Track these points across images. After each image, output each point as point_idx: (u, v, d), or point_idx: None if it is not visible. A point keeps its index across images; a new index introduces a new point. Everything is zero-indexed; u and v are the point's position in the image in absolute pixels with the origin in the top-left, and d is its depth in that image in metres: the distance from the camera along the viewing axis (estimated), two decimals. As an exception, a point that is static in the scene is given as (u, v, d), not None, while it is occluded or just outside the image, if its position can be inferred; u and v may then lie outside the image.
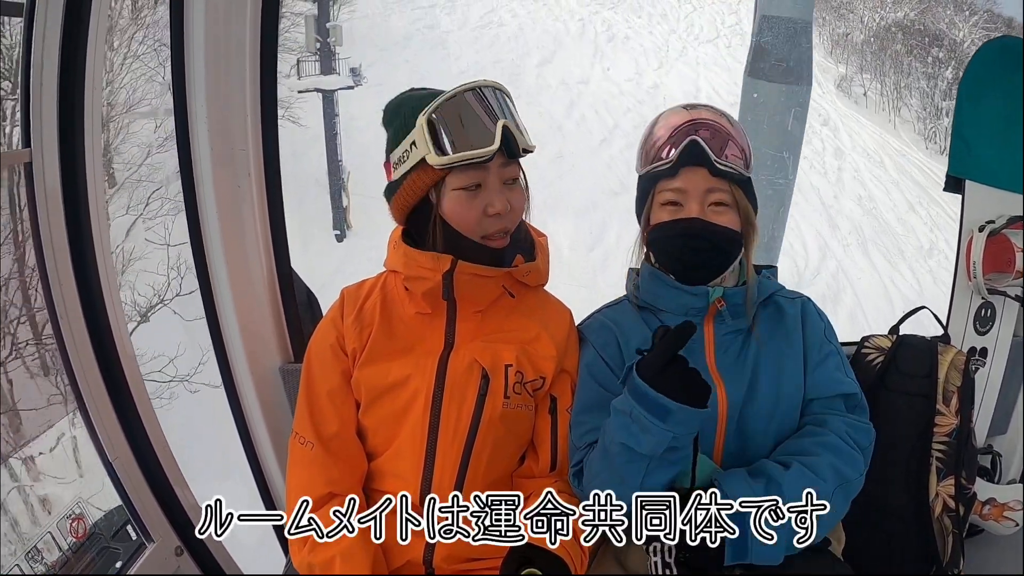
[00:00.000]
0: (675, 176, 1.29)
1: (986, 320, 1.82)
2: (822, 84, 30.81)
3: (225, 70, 1.51)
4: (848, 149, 22.14)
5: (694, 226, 1.28)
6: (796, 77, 6.15)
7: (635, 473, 1.17)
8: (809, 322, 1.36)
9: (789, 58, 6.02)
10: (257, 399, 1.71)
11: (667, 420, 1.10)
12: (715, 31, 30.44)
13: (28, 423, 2.22)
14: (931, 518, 1.49)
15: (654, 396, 1.10)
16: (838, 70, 31.43)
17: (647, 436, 1.12)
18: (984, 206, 1.78)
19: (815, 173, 19.34)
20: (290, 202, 1.76)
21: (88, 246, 1.40)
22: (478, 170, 1.22)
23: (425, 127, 1.20)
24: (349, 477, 1.29)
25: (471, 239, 1.25)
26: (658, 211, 1.32)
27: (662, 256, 1.34)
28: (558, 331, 1.35)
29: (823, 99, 27.10)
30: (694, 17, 31.63)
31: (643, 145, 1.36)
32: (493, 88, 1.23)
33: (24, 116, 1.26)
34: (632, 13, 29.71)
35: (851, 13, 32.53)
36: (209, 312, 1.67)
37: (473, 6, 26.38)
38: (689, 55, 26.56)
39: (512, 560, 1.17)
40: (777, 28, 6.02)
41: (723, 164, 1.27)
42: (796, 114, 6.27)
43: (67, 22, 1.26)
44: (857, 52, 29.83)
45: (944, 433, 1.51)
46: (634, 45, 26.43)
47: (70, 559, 1.37)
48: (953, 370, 1.54)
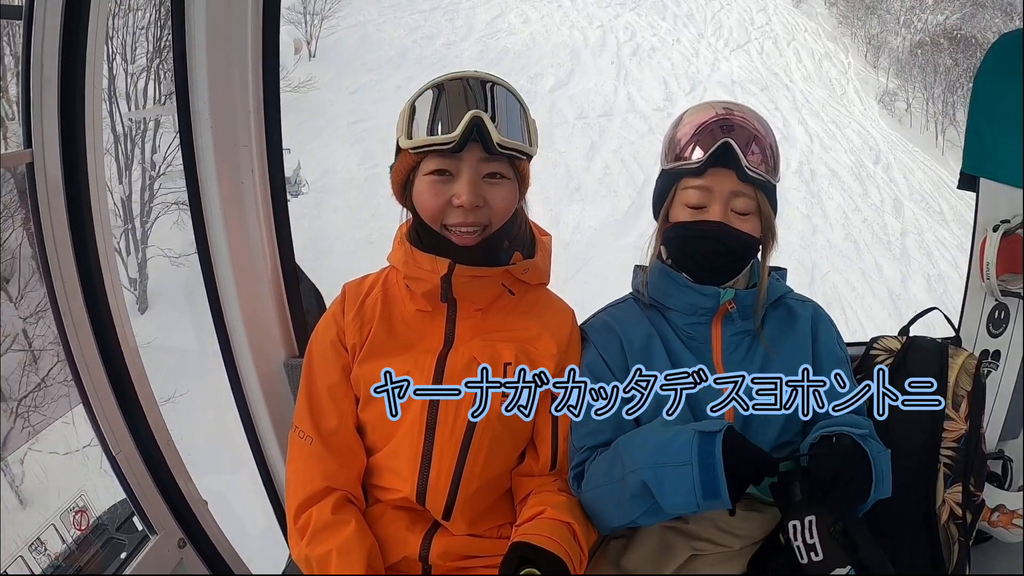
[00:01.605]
0: (701, 175, 1.26)
1: (999, 322, 1.78)
2: (863, 99, 29.50)
3: (227, 66, 1.52)
4: (906, 197, 20.63)
5: (715, 230, 1.25)
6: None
7: (636, 508, 1.18)
8: (822, 328, 1.35)
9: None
10: (262, 393, 1.73)
11: (708, 499, 1.09)
12: (745, 34, 28.82)
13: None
14: (937, 525, 1.46)
15: (718, 472, 1.08)
16: (878, 80, 30.03)
17: (677, 495, 1.11)
18: (999, 205, 1.75)
19: (879, 245, 17.97)
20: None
21: (91, 244, 1.42)
22: (449, 158, 1.21)
23: (407, 111, 1.22)
24: (347, 472, 1.30)
25: (432, 227, 1.25)
26: (679, 209, 1.30)
27: (678, 255, 1.33)
28: (559, 330, 1.34)
29: (866, 119, 25.92)
30: (722, 17, 29.97)
31: (670, 138, 1.33)
32: (483, 80, 1.23)
33: (25, 117, 1.27)
34: (656, 15, 27.52)
35: (887, 13, 31.01)
36: (214, 307, 1.68)
37: (479, 9, 24.05)
38: (722, 70, 24.75)
39: (511, 559, 1.17)
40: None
41: (752, 170, 1.24)
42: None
43: (66, 23, 1.27)
44: (895, 59, 28.41)
45: (952, 439, 1.47)
46: (661, 59, 24.35)
47: (74, 551, 1.39)
48: (964, 374, 1.50)
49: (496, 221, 1.25)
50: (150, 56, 14.36)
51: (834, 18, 35.29)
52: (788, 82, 27.33)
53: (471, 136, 1.18)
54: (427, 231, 1.26)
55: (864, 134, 24.21)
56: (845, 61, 31.46)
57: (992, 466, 1.73)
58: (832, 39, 33.72)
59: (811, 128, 23.45)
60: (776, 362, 1.30)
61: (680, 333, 1.34)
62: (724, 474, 1.08)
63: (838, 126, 24.40)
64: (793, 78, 28.08)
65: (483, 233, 1.24)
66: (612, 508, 1.22)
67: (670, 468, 1.11)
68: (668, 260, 1.36)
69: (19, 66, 1.22)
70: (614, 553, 1.33)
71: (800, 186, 19.97)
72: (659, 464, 1.13)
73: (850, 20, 34.39)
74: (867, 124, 24.99)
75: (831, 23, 35.24)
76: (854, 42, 32.96)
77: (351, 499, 1.29)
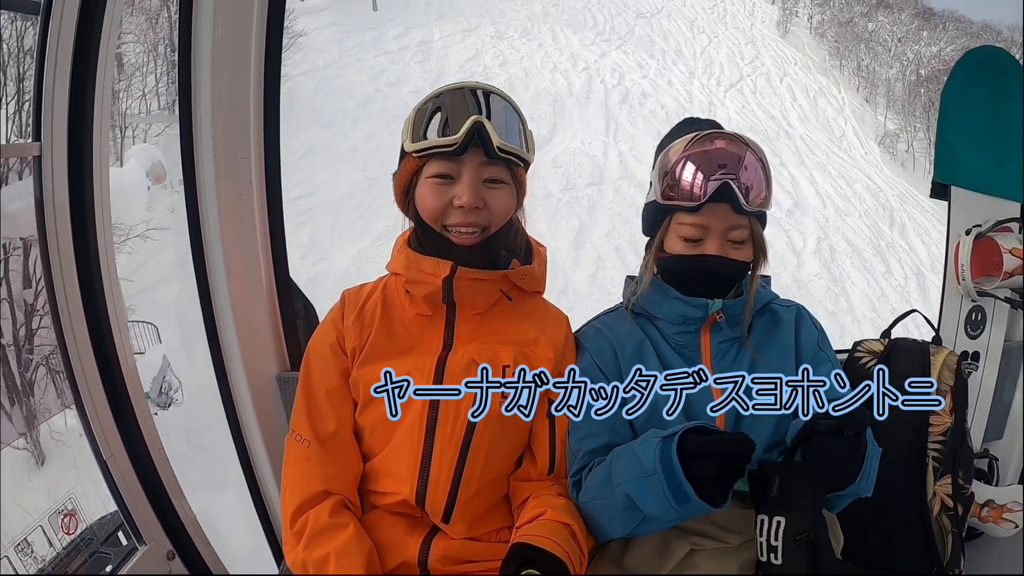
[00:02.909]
0: (697, 212, 1.26)
1: (977, 324, 1.84)
2: (863, 141, 28.62)
3: (231, 78, 1.55)
4: (927, 268, 19.15)
5: (714, 264, 1.27)
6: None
7: (629, 521, 1.19)
8: (803, 329, 1.38)
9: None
10: (253, 406, 1.71)
11: (682, 504, 1.09)
12: (737, 71, 27.66)
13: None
14: (930, 518, 1.48)
15: (680, 478, 1.08)
16: (876, 118, 29.35)
17: (655, 503, 1.11)
18: (970, 211, 1.82)
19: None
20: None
21: (92, 245, 1.43)
22: (451, 162, 1.25)
23: (412, 117, 1.27)
24: (344, 476, 1.29)
25: (433, 228, 1.28)
26: (674, 241, 1.31)
27: (672, 280, 1.34)
28: (556, 335, 1.36)
29: (869, 164, 24.83)
30: (711, 53, 29.00)
31: (662, 170, 1.31)
32: (485, 91, 1.28)
33: (35, 111, 1.29)
34: (644, 52, 26.23)
35: (879, 45, 30.84)
36: (208, 318, 1.68)
37: (452, 50, 22.18)
38: (719, 115, 22.89)
39: (511, 560, 1.16)
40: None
41: (749, 208, 1.25)
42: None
43: (81, 20, 1.30)
44: (891, 96, 27.58)
45: (939, 432, 1.51)
46: (654, 107, 22.62)
47: (62, 559, 1.35)
48: (946, 370, 1.55)
49: (495, 223, 1.28)
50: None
51: (823, 49, 35.06)
52: (786, 126, 26.41)
53: (472, 140, 1.22)
54: (428, 236, 1.29)
55: (873, 187, 23.23)
56: (839, 97, 31.03)
57: (978, 464, 1.77)
58: (823, 71, 33.27)
59: (821, 187, 22.37)
60: (762, 367, 1.32)
61: (670, 340, 1.36)
62: (686, 480, 1.07)
63: (847, 180, 23.40)
64: (790, 120, 27.19)
65: (482, 235, 1.28)
66: (608, 521, 1.23)
67: (643, 479, 1.12)
68: (658, 276, 1.38)
69: (33, 60, 1.24)
70: (614, 553, 1.32)
71: (822, 271, 18.51)
72: (636, 476, 1.13)
73: (840, 51, 34.55)
74: (873, 173, 24.35)
75: (820, 54, 34.91)
76: (843, 74, 32.59)
77: (348, 504, 1.28)
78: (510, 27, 28.65)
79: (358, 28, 23.74)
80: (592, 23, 31.06)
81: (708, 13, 35.58)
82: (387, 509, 1.30)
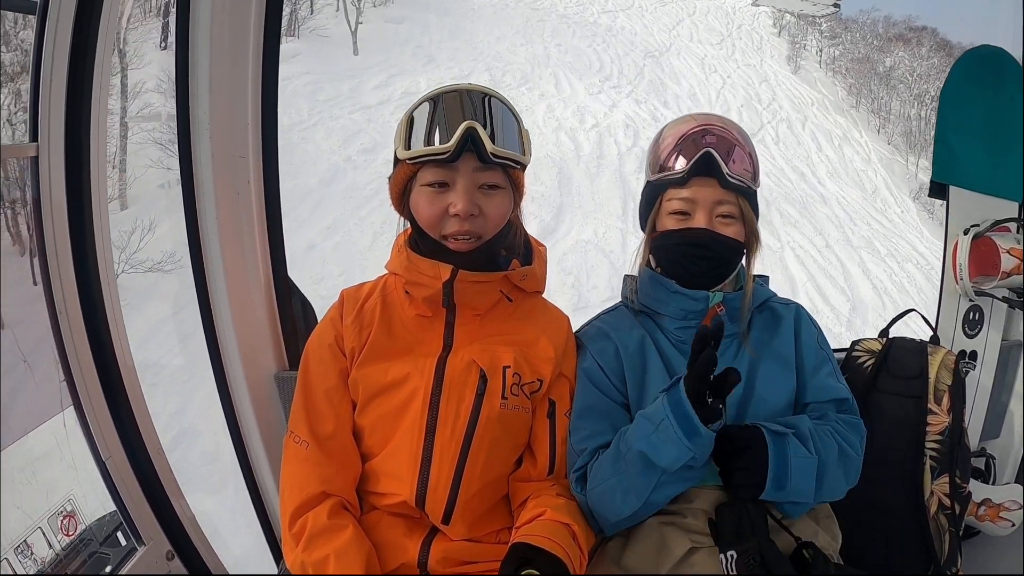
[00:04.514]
0: (685, 186, 1.32)
1: (974, 323, 1.84)
2: (897, 198, 26.13)
3: (229, 76, 1.54)
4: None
5: (702, 236, 1.30)
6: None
7: (646, 485, 1.20)
8: (803, 328, 1.39)
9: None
10: (252, 405, 1.70)
11: (693, 439, 1.14)
12: (757, 117, 25.52)
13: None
14: (927, 517, 1.49)
15: (688, 410, 1.13)
16: (908, 168, 27.04)
17: (668, 448, 1.15)
18: (968, 210, 1.83)
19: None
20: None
21: (90, 247, 1.42)
22: (445, 169, 1.24)
23: (405, 123, 1.26)
24: (343, 477, 1.29)
25: (432, 236, 1.28)
26: (665, 218, 1.35)
27: (666, 262, 1.36)
28: (556, 335, 1.36)
29: (908, 227, 22.41)
30: (727, 96, 27.52)
31: (652, 151, 1.39)
32: (481, 93, 1.27)
33: (32, 111, 1.28)
34: (656, 99, 24.62)
35: (900, 83, 29.65)
36: (206, 318, 1.67)
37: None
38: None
39: (511, 560, 1.16)
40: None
41: (734, 178, 1.30)
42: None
43: (78, 20, 1.29)
44: (907, 131, 25.88)
45: (936, 432, 1.51)
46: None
47: (61, 560, 1.35)
48: (943, 369, 1.55)
49: (490, 230, 1.28)
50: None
51: (839, 87, 33.46)
52: (818, 185, 24.43)
53: (466, 146, 1.21)
54: (427, 239, 1.29)
55: (923, 263, 20.78)
56: (863, 142, 29.52)
57: (975, 463, 1.78)
58: (840, 111, 31.71)
59: (873, 275, 19.63)
60: (762, 363, 1.34)
61: (671, 337, 1.37)
62: (693, 408, 1.13)
63: (897, 260, 20.63)
64: (820, 176, 25.35)
65: (478, 242, 1.27)
66: (621, 497, 1.23)
67: (654, 433, 1.17)
68: (657, 268, 1.40)
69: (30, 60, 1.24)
70: (614, 552, 1.33)
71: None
72: (648, 433, 1.18)
73: (856, 88, 33.65)
74: (916, 241, 22.21)
75: (835, 91, 33.40)
76: (860, 113, 31.21)
77: (347, 505, 1.28)
78: (507, 73, 26.64)
79: (334, 78, 20.97)
80: (599, 66, 29.29)
81: (716, 49, 34.14)
82: (386, 510, 1.29)
